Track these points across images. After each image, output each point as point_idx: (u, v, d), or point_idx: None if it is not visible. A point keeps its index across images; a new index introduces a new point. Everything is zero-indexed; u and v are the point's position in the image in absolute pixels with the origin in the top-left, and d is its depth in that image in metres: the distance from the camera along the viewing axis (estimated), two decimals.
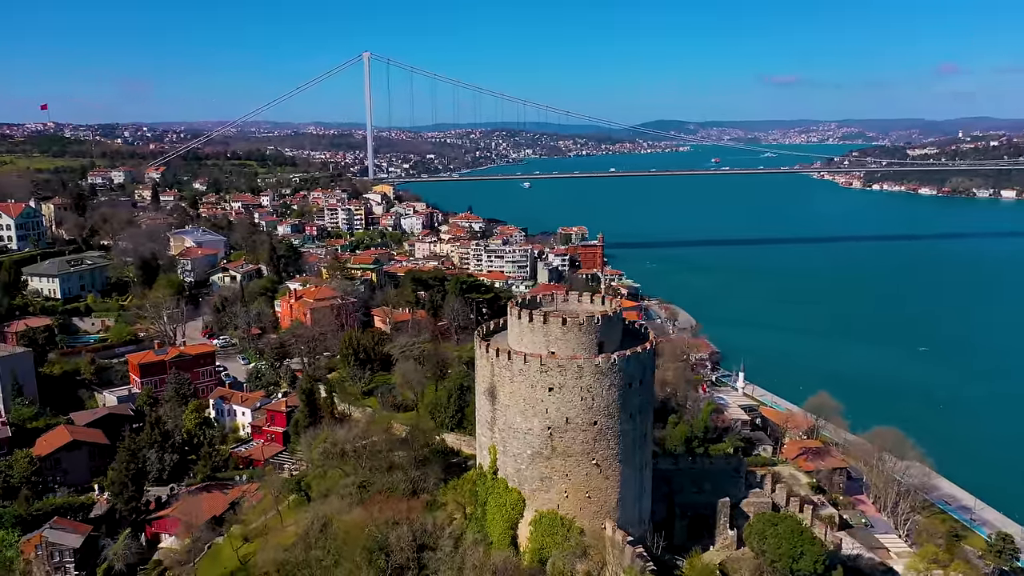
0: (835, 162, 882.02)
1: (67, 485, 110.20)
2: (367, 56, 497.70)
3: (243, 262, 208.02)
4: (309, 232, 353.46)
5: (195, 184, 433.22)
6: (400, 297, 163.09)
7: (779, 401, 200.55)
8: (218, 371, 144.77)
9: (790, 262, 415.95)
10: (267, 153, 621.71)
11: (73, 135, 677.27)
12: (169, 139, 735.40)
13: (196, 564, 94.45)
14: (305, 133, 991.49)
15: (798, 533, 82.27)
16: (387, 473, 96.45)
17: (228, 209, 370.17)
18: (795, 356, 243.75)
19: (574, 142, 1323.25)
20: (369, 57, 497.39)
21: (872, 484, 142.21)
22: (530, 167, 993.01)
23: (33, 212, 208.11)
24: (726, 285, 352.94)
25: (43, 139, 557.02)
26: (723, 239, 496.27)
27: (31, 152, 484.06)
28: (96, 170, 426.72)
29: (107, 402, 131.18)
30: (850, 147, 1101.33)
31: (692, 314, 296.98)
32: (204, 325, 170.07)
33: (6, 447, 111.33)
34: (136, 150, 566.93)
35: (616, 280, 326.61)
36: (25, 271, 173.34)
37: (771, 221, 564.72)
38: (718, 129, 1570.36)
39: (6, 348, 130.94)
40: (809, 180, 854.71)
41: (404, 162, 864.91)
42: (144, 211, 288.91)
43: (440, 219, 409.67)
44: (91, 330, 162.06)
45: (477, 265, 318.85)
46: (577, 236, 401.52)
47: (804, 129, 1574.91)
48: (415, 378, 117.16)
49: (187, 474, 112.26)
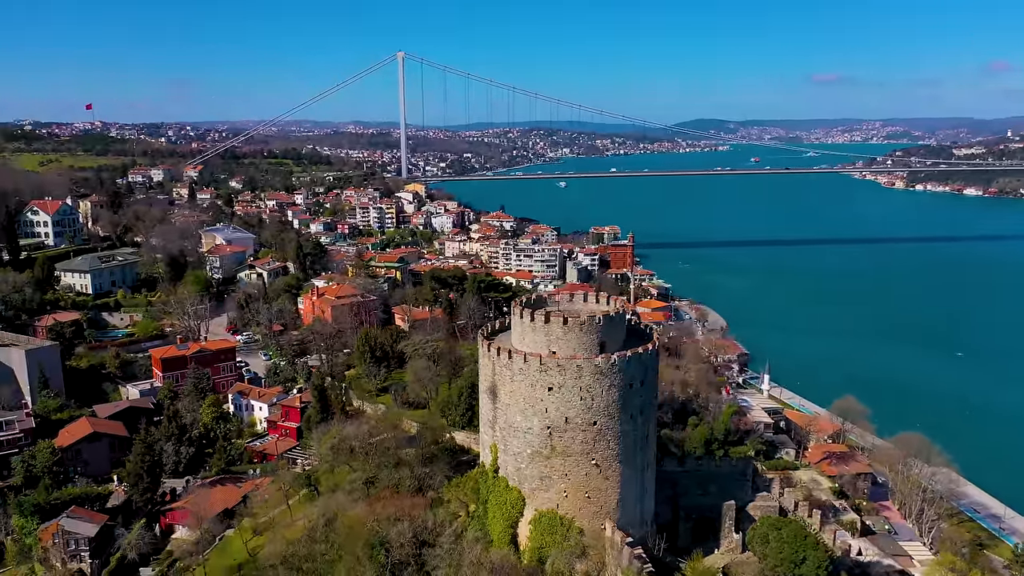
0: (878, 162, 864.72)
1: (87, 476, 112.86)
2: (401, 56, 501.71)
3: (270, 259, 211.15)
4: (341, 230, 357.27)
5: (231, 182, 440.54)
6: (419, 295, 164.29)
7: (807, 404, 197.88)
8: (239, 367, 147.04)
9: (826, 263, 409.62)
10: (303, 152, 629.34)
11: (119, 134, 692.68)
12: (211, 138, 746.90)
13: (206, 556, 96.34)
14: (344, 132, 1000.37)
15: (801, 538, 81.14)
16: (394, 470, 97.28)
17: (263, 207, 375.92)
18: (827, 359, 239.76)
19: (612, 141, 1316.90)
20: (403, 57, 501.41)
21: (897, 490, 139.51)
22: (567, 166, 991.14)
23: (69, 209, 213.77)
24: (760, 286, 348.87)
25: (88, 138, 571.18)
26: (759, 239, 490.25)
27: (75, 151, 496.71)
28: (136, 168, 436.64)
29: (130, 395, 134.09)
30: (894, 147, 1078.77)
31: (723, 315, 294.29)
32: (229, 321, 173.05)
33: (30, 437, 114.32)
34: (176, 149, 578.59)
35: (647, 280, 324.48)
36: (58, 267, 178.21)
37: (808, 221, 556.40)
38: (759, 128, 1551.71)
39: (34, 342, 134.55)
40: (850, 180, 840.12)
41: (441, 161, 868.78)
42: (178, 209, 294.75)
43: (471, 218, 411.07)
44: (119, 325, 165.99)
45: (506, 264, 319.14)
46: (609, 236, 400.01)
47: (847, 128, 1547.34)
48: (427, 376, 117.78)
49: (203, 467, 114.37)
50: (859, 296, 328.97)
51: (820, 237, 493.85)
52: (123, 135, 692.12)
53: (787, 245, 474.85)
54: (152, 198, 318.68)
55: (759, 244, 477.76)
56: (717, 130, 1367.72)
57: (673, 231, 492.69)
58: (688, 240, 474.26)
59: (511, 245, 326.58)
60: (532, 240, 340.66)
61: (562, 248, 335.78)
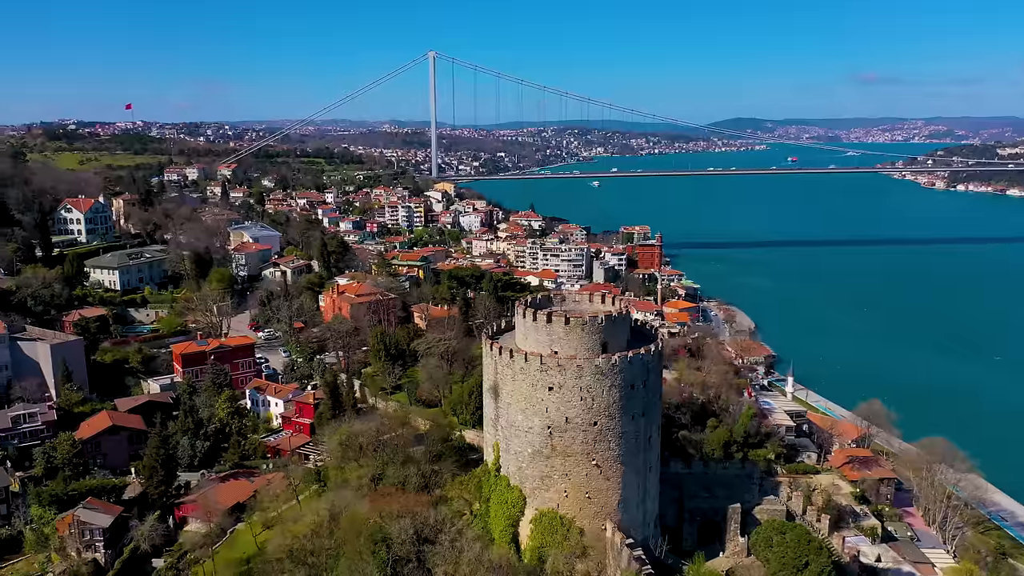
0: (918, 161, 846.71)
1: (106, 468, 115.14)
2: (432, 55, 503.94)
3: (294, 257, 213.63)
4: (370, 229, 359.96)
5: (264, 181, 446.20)
6: (436, 294, 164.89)
7: (834, 407, 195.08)
8: (258, 363, 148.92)
9: (861, 265, 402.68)
10: (335, 151, 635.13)
11: (159, 133, 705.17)
12: (248, 137, 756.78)
13: (216, 548, 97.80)
14: (379, 131, 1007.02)
15: (805, 542, 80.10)
16: (401, 467, 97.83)
17: (293, 205, 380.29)
18: (857, 362, 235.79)
19: (646, 140, 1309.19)
20: (434, 56, 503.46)
21: (921, 496, 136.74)
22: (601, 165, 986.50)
23: (102, 207, 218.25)
24: (792, 288, 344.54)
25: (126, 137, 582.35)
26: (793, 240, 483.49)
27: (114, 150, 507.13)
28: (172, 167, 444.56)
29: (151, 390, 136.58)
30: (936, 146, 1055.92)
31: (752, 316, 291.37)
32: (251, 318, 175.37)
33: (52, 429, 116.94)
34: (212, 148, 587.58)
35: (675, 280, 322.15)
36: (87, 263, 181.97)
37: (844, 222, 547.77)
38: (797, 127, 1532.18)
39: (60, 336, 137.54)
40: (889, 180, 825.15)
41: (474, 160, 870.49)
42: (209, 207, 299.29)
43: (500, 217, 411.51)
44: (145, 321, 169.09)
45: (533, 263, 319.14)
46: (639, 235, 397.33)
47: (888, 127, 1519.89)
48: (439, 375, 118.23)
49: (217, 461, 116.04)
50: (894, 298, 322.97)
51: (856, 238, 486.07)
52: (163, 134, 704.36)
53: (822, 246, 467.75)
54: (184, 196, 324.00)
55: (793, 245, 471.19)
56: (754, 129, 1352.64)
57: (705, 231, 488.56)
58: (721, 240, 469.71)
59: (538, 244, 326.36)
60: (559, 239, 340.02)
61: (589, 248, 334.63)
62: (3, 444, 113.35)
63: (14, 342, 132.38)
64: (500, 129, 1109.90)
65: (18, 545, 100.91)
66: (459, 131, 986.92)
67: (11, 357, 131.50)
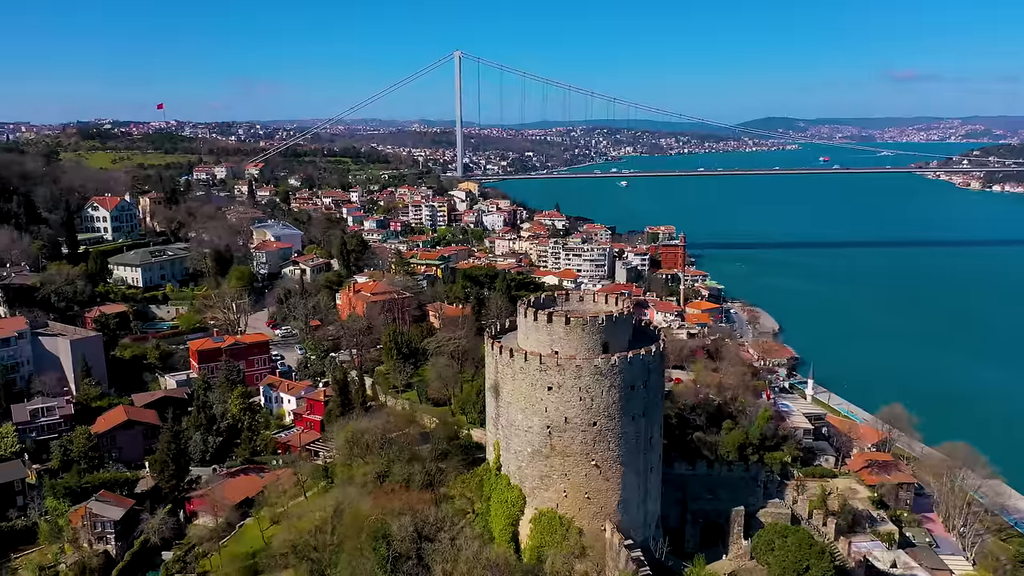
0: (953, 161, 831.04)
1: (121, 461, 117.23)
2: (458, 55, 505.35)
3: (314, 255, 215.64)
4: (393, 228, 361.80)
5: (290, 180, 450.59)
6: (451, 293, 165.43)
7: (856, 411, 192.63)
8: (274, 359, 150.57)
9: (890, 266, 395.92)
10: (362, 150, 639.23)
11: (193, 133, 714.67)
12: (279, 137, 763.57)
13: (224, 543, 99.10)
14: (409, 131, 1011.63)
15: (807, 546, 79.04)
16: (407, 465, 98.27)
17: (319, 204, 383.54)
18: (883, 365, 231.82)
19: (676, 140, 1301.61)
20: (460, 56, 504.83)
21: (942, 502, 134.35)
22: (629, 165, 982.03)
23: (127, 205, 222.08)
24: (819, 289, 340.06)
25: (158, 136, 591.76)
26: (821, 241, 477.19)
27: (146, 149, 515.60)
28: (201, 166, 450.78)
29: (168, 385, 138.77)
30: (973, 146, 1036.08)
31: (776, 318, 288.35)
32: (269, 315, 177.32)
33: (69, 423, 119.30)
34: (242, 147, 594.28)
35: (698, 281, 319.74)
36: (111, 261, 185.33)
37: (874, 223, 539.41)
38: (830, 127, 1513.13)
39: (80, 332, 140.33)
40: (922, 181, 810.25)
41: (502, 159, 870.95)
42: (234, 205, 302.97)
43: (524, 216, 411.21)
44: (166, 317, 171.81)
45: (555, 263, 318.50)
46: (664, 235, 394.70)
47: (924, 127, 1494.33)
48: (448, 374, 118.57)
49: (229, 456, 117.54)
50: (923, 300, 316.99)
51: (886, 239, 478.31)
52: (196, 134, 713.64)
53: (852, 247, 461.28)
54: (210, 195, 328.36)
55: (822, 246, 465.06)
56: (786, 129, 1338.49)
57: (732, 231, 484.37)
58: (747, 241, 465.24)
59: (560, 244, 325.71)
60: (582, 239, 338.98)
61: (612, 247, 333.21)
62: (22, 437, 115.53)
63: (36, 337, 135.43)
64: (529, 129, 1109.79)
65: (33, 536, 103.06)
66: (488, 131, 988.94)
67: (33, 352, 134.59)
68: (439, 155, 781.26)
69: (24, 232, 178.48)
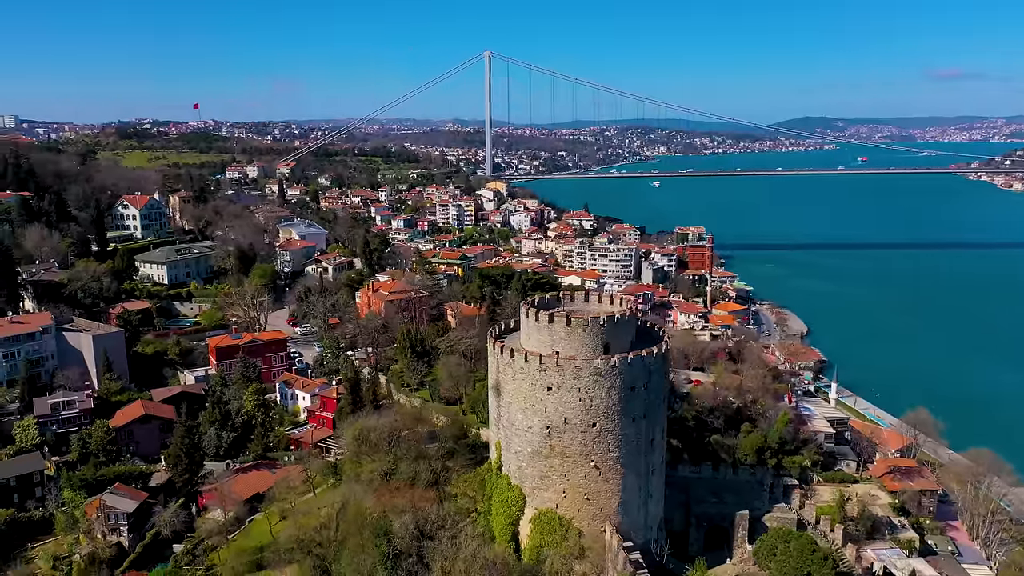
0: (995, 162, 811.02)
1: (139, 455, 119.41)
2: (487, 55, 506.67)
3: (336, 254, 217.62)
4: (420, 227, 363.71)
5: (321, 179, 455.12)
6: (467, 293, 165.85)
7: (883, 415, 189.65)
8: (292, 357, 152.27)
9: (926, 269, 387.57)
10: (392, 150, 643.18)
11: (230, 132, 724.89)
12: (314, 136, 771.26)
13: (233, 537, 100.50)
14: (442, 130, 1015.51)
15: (809, 552, 77.88)
16: (413, 463, 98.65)
17: (348, 203, 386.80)
18: (913, 369, 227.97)
19: (711, 139, 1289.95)
20: (490, 56, 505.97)
21: (966, 509, 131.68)
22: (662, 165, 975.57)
23: (156, 204, 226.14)
24: (851, 291, 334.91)
25: (193, 136, 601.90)
26: (856, 243, 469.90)
27: (181, 148, 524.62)
28: (234, 165, 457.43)
29: (186, 381, 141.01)
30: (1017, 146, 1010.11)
31: (805, 320, 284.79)
32: (290, 313, 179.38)
33: (89, 417, 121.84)
34: (275, 146, 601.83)
35: (726, 282, 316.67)
36: (137, 258, 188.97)
37: (910, 225, 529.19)
38: (869, 126, 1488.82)
39: (103, 328, 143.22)
40: (962, 181, 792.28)
41: (534, 159, 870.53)
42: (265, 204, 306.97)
43: (552, 216, 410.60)
44: (189, 314, 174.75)
45: (581, 263, 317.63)
46: (694, 236, 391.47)
47: (966, 126, 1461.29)
48: (459, 372, 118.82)
49: (243, 451, 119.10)
50: (955, 304, 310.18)
51: (920, 241, 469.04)
52: (233, 133, 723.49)
53: (887, 249, 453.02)
54: (240, 194, 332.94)
55: (857, 247, 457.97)
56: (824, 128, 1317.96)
57: (764, 232, 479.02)
58: (779, 242, 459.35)
59: (586, 244, 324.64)
60: (608, 239, 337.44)
61: (639, 248, 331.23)
62: (43, 430, 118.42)
63: (60, 333, 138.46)
64: (562, 128, 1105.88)
65: (50, 526, 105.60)
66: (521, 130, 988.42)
67: (57, 347, 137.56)
68: (471, 154, 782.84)
69: (54, 230, 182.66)
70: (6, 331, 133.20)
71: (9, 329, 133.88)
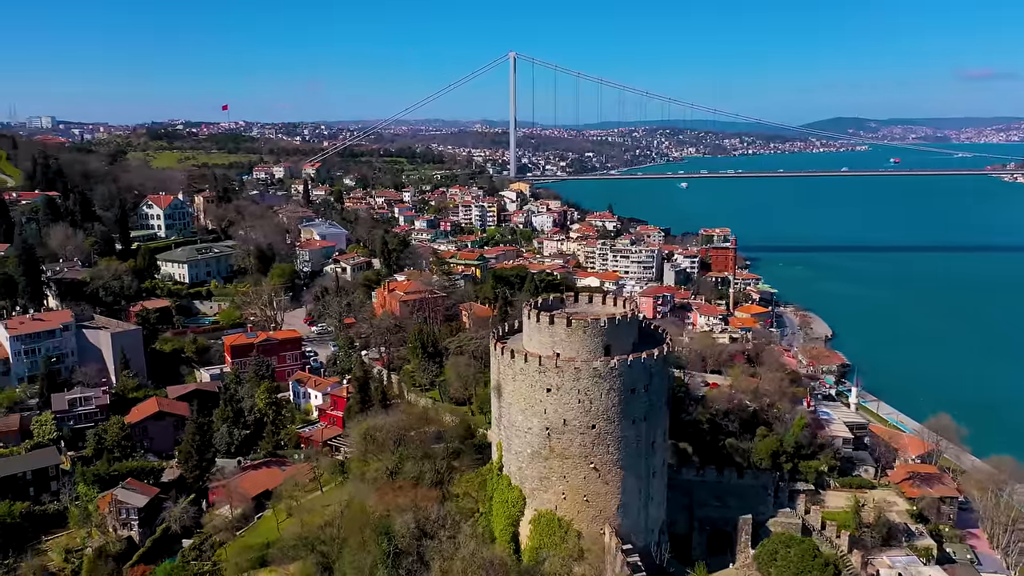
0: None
1: (153, 451, 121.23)
2: (512, 56, 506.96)
3: (355, 254, 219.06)
4: (443, 227, 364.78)
5: (346, 179, 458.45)
6: (480, 294, 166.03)
7: (906, 420, 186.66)
8: (307, 356, 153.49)
9: (958, 272, 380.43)
10: (417, 150, 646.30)
11: (260, 133, 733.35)
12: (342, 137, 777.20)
13: (242, 533, 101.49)
14: (470, 131, 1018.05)
15: (810, 557, 76.96)
16: (418, 462, 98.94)
17: (372, 204, 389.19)
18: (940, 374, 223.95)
19: (740, 140, 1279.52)
20: (514, 57, 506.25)
21: (987, 517, 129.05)
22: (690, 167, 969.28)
23: (180, 204, 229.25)
24: (880, 294, 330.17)
25: (222, 137, 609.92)
26: (886, 245, 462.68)
27: (210, 149, 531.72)
28: (260, 166, 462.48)
29: (202, 379, 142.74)
30: None
31: (830, 323, 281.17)
32: (307, 312, 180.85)
33: (105, 413, 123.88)
34: (302, 147, 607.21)
35: (750, 284, 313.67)
36: (159, 257, 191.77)
37: (942, 227, 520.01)
38: (903, 127, 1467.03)
39: (122, 325, 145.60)
40: (997, 183, 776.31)
41: (561, 160, 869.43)
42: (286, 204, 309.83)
43: (575, 217, 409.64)
44: (208, 313, 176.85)
45: (602, 264, 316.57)
46: (719, 238, 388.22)
47: (1003, 127, 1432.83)
48: (468, 373, 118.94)
49: (254, 449, 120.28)
50: (984, 308, 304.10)
51: (950, 244, 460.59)
52: (263, 134, 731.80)
53: (918, 251, 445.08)
54: (264, 194, 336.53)
55: (887, 250, 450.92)
56: (856, 129, 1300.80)
57: (792, 234, 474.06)
58: (807, 244, 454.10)
59: (608, 245, 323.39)
60: (630, 241, 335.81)
61: (661, 249, 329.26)
62: (60, 425, 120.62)
63: (80, 330, 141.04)
64: (591, 129, 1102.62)
65: (64, 520, 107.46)
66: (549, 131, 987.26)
67: (77, 344, 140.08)
68: (498, 155, 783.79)
69: (79, 229, 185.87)
70: (27, 328, 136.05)
71: (30, 326, 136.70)
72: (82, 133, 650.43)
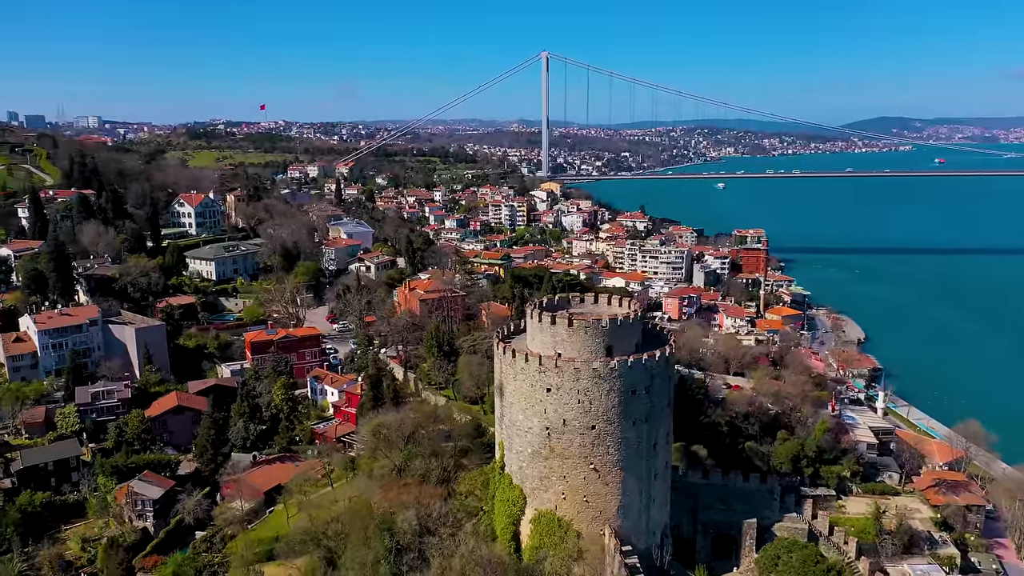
0: None
1: (172, 445, 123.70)
2: (545, 56, 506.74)
3: (380, 253, 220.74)
4: (473, 227, 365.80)
5: (378, 179, 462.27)
6: (499, 293, 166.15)
7: (937, 426, 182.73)
8: (327, 353, 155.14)
9: (991, 275, 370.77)
10: (450, 150, 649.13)
11: (299, 133, 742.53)
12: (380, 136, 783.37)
13: (253, 527, 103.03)
14: (507, 130, 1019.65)
15: (811, 563, 75.66)
16: (426, 460, 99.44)
17: (403, 203, 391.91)
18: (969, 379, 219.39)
19: (780, 140, 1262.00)
20: (547, 57, 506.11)
21: (1015, 526, 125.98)
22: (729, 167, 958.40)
23: (211, 202, 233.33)
24: (917, 297, 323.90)
25: (259, 136, 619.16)
26: (926, 247, 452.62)
27: (247, 148, 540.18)
28: (295, 165, 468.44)
29: (223, 374, 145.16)
30: None
31: (863, 326, 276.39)
32: (330, 310, 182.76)
33: (127, 406, 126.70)
34: (337, 146, 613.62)
35: (782, 286, 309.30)
36: (188, 254, 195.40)
37: (987, 229, 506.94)
38: (949, 127, 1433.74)
39: (147, 321, 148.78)
40: None
41: (596, 159, 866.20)
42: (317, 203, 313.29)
43: (606, 217, 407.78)
44: (234, 309, 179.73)
45: (631, 265, 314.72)
46: (752, 239, 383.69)
47: None
48: (480, 372, 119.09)
49: (269, 444, 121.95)
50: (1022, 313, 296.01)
51: (991, 246, 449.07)
52: (301, 134, 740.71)
53: (959, 254, 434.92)
54: (296, 193, 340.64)
55: (926, 252, 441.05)
56: (900, 129, 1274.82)
57: (829, 236, 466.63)
58: (844, 246, 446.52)
59: (636, 246, 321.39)
60: (660, 241, 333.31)
61: (691, 250, 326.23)
62: (82, 417, 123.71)
63: (106, 325, 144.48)
64: (625, 129, 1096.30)
65: (83, 510, 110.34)
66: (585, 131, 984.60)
67: (103, 339, 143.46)
68: (533, 155, 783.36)
69: (110, 226, 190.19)
70: (55, 323, 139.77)
71: (58, 321, 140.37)
72: (126, 133, 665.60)
